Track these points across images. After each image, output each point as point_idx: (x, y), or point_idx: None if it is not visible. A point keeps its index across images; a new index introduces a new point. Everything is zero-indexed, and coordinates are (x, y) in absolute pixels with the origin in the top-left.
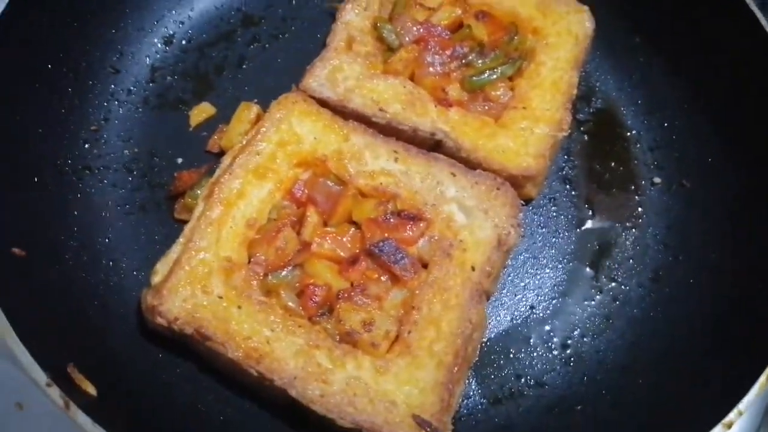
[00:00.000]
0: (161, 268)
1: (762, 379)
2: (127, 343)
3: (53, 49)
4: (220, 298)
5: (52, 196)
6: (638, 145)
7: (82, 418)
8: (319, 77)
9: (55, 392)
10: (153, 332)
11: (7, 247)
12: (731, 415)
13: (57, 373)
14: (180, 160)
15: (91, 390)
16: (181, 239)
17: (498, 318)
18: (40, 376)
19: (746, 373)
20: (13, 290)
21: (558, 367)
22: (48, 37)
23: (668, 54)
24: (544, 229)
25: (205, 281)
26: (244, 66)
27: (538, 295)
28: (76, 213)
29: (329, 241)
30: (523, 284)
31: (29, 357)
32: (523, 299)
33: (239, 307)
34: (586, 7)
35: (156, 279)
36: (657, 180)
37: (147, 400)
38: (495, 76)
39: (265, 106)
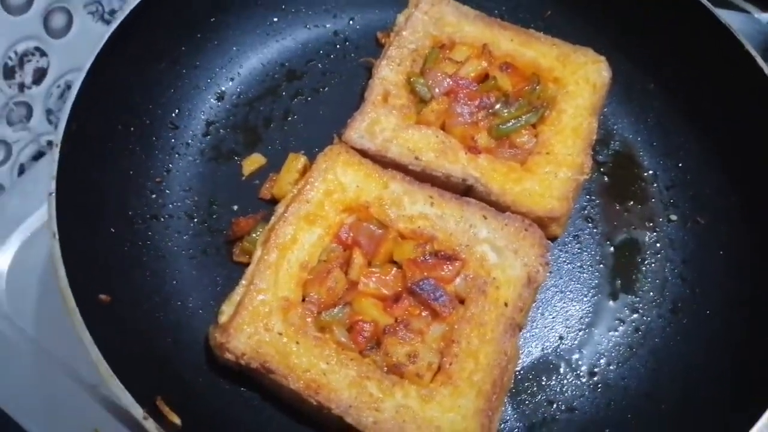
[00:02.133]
0: (227, 308)
1: None
2: (198, 376)
3: (122, 110)
4: (280, 334)
5: (126, 244)
6: (655, 185)
7: None
8: (359, 130)
9: (151, 425)
10: (221, 366)
11: (95, 295)
12: None
13: (148, 407)
14: (235, 207)
15: (177, 420)
16: (243, 281)
17: (530, 348)
18: (137, 410)
19: (759, 401)
20: (106, 334)
21: (586, 393)
22: (118, 101)
23: (680, 99)
24: (569, 266)
25: (267, 320)
26: (289, 118)
27: (566, 327)
28: (145, 259)
29: (374, 281)
30: (551, 317)
31: (128, 394)
32: (552, 331)
33: (297, 343)
34: (603, 57)
35: (223, 318)
36: (673, 217)
37: (220, 429)
38: (520, 124)
39: (309, 154)
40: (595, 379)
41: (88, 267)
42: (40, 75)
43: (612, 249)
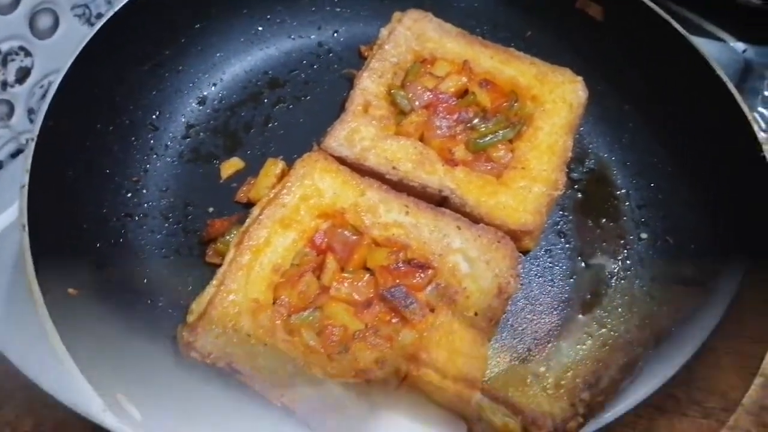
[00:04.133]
0: (196, 307)
1: (731, 421)
2: (165, 373)
3: (101, 110)
4: (249, 335)
5: (99, 241)
6: (627, 203)
7: None
8: (338, 138)
9: (110, 418)
10: (188, 365)
11: (63, 288)
12: None
13: (109, 401)
14: (211, 209)
15: (137, 415)
16: (213, 282)
17: (498, 359)
18: (97, 403)
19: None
20: (72, 327)
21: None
22: (98, 99)
23: (655, 121)
24: (540, 279)
25: (235, 320)
26: (270, 124)
27: (534, 339)
28: (118, 256)
29: (346, 286)
30: (521, 328)
31: (89, 387)
32: (521, 342)
33: (265, 345)
34: (580, 78)
35: (191, 318)
36: (644, 235)
37: (185, 426)
38: (497, 139)
39: (288, 160)
40: (561, 392)
41: (57, 261)
42: (23, 74)
43: (583, 264)
